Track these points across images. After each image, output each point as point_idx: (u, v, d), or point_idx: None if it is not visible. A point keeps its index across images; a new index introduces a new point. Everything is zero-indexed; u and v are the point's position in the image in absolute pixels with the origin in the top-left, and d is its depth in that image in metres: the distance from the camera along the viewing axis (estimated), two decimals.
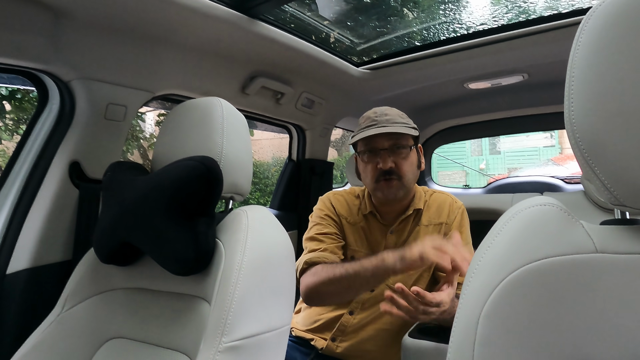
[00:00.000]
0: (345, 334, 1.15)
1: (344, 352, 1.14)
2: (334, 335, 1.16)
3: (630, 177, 0.44)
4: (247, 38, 1.26)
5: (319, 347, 1.16)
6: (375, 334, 1.14)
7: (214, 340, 0.67)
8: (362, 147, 1.18)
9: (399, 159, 1.14)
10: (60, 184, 1.09)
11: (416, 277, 1.17)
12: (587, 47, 0.48)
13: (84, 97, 1.09)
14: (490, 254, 0.51)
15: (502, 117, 2.30)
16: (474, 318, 0.48)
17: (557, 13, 1.39)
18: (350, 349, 1.13)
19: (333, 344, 1.15)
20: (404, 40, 1.69)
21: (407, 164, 1.15)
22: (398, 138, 1.14)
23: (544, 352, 0.46)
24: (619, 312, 0.45)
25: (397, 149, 1.14)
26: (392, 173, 1.13)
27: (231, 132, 0.87)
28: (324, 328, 1.19)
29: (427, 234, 1.19)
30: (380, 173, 1.14)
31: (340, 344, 1.14)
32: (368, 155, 1.17)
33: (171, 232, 0.77)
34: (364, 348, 1.13)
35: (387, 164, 1.12)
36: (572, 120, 0.48)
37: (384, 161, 1.13)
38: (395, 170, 1.14)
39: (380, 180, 1.14)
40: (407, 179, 1.15)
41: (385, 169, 1.12)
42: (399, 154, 1.14)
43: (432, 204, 1.24)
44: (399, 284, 0.89)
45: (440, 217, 1.22)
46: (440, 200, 1.25)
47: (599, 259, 0.47)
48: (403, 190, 1.16)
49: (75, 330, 0.88)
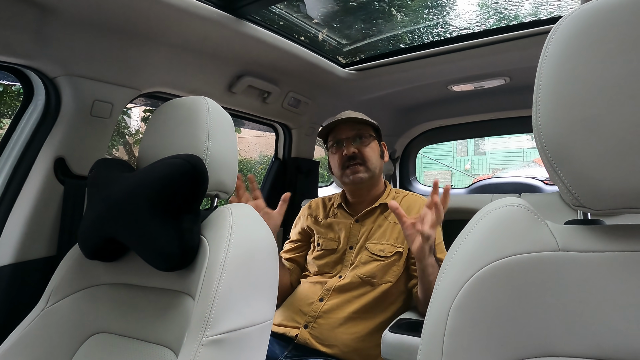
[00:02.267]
0: (315, 320, 1.18)
1: (316, 340, 1.16)
2: (306, 322, 1.19)
3: (590, 180, 0.47)
4: (233, 38, 1.28)
5: (293, 335, 1.19)
6: (344, 322, 1.17)
7: (197, 334, 0.69)
8: (330, 140, 1.36)
9: (361, 146, 1.30)
10: (45, 179, 1.09)
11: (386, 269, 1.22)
12: (554, 57, 0.51)
13: (70, 93, 1.10)
14: (461, 251, 0.54)
15: (485, 119, 2.34)
16: (445, 311, 0.50)
17: (537, 20, 1.44)
18: (322, 337, 1.16)
19: (305, 331, 1.18)
20: (390, 42, 1.72)
21: (369, 150, 1.31)
22: (360, 129, 1.32)
23: (509, 344, 0.49)
24: (579, 306, 0.48)
25: (359, 138, 1.31)
26: (355, 158, 1.29)
27: (217, 131, 0.88)
28: (297, 317, 1.22)
29: (395, 231, 1.26)
30: (345, 159, 1.29)
31: (312, 331, 1.17)
32: (335, 147, 1.34)
33: (156, 229, 0.79)
34: (334, 336, 1.15)
35: (350, 150, 1.28)
36: (538, 126, 0.51)
37: (348, 147, 1.29)
38: (358, 155, 1.29)
39: (346, 166, 1.30)
40: (370, 163, 1.30)
41: (349, 154, 1.28)
42: (361, 142, 1.31)
43: (403, 204, 1.31)
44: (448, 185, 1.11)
45: (410, 215, 1.26)
46: (411, 201, 1.33)
47: (561, 256, 0.50)
48: (368, 174, 1.30)
49: (59, 325, 0.89)
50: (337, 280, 1.24)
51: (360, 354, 1.16)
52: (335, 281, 1.23)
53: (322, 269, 1.30)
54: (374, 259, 1.23)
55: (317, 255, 1.32)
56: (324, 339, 1.16)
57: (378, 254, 1.23)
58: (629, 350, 0.46)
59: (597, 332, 0.47)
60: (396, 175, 2.71)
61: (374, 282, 1.20)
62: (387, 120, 2.38)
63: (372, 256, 1.23)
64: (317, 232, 1.37)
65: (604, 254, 0.49)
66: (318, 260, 1.31)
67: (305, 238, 1.43)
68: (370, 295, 1.20)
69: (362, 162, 1.29)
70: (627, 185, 0.45)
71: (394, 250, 1.23)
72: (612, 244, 0.49)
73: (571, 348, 0.48)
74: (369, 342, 1.16)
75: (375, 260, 1.22)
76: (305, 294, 1.27)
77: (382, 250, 1.23)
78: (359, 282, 1.21)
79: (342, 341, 1.16)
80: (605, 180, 0.46)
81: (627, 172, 0.45)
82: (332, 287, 1.22)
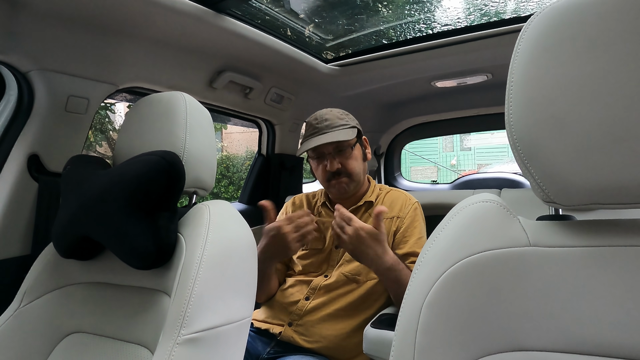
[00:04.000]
0: (300, 318, 1.18)
1: (301, 337, 1.16)
2: (291, 320, 1.19)
3: (559, 176, 0.48)
4: (213, 32, 1.26)
5: (277, 332, 1.19)
6: (328, 318, 1.17)
7: (172, 333, 0.68)
8: (310, 153, 1.31)
9: (343, 159, 1.26)
10: (18, 177, 1.06)
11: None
12: (524, 55, 0.51)
13: (43, 88, 1.07)
14: (434, 247, 0.54)
15: (469, 115, 2.37)
16: (417, 307, 0.51)
17: (517, 16, 1.45)
18: (306, 333, 1.16)
19: (290, 329, 1.18)
20: (372, 38, 1.72)
21: (352, 161, 1.27)
22: (340, 141, 1.24)
23: (480, 339, 0.49)
24: (549, 300, 0.49)
25: (341, 150, 1.26)
26: (340, 173, 1.26)
27: (195, 127, 0.87)
28: (281, 315, 1.22)
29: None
30: (329, 175, 1.26)
31: (297, 329, 1.17)
32: (316, 160, 1.30)
33: (132, 227, 0.77)
34: (319, 332, 1.15)
35: (334, 166, 1.24)
36: (510, 122, 0.52)
37: (331, 164, 1.25)
38: (342, 170, 1.26)
39: (331, 180, 1.27)
40: (354, 174, 1.27)
41: (333, 170, 1.24)
42: (343, 155, 1.26)
43: (386, 200, 1.31)
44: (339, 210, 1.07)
45: (393, 211, 1.28)
46: (394, 197, 1.33)
47: (532, 252, 0.50)
48: (353, 185, 1.28)
49: (34, 325, 0.87)
50: (323, 279, 1.23)
51: (344, 350, 1.16)
52: (321, 280, 1.23)
53: (307, 269, 1.29)
54: None
55: (303, 254, 1.31)
56: (309, 336, 1.16)
57: None
58: (598, 343, 0.46)
59: (567, 326, 0.48)
60: (381, 171, 2.72)
61: (359, 280, 1.20)
62: (371, 116, 2.39)
63: None
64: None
65: (574, 249, 0.49)
66: (303, 259, 1.31)
67: None
68: (355, 293, 1.20)
69: (347, 175, 1.26)
70: (594, 181, 0.46)
71: None
72: (582, 239, 0.50)
73: (541, 342, 0.48)
74: (353, 339, 1.16)
75: None
76: (290, 292, 1.26)
77: None
78: (344, 281, 1.21)
79: (326, 337, 1.16)
80: (573, 176, 0.47)
81: (593, 169, 0.46)
82: (317, 286, 1.22)
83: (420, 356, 0.49)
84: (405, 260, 1.19)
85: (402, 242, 1.22)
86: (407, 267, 1.10)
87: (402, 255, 1.20)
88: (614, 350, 0.46)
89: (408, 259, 1.19)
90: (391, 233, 1.24)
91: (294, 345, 1.16)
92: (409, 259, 1.19)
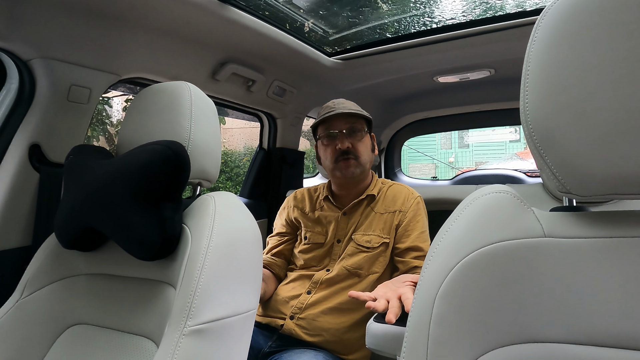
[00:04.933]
0: (302, 311, 1.18)
1: (302, 330, 1.16)
2: (292, 314, 1.19)
3: (576, 166, 0.47)
4: (217, 22, 1.24)
5: (279, 325, 1.18)
6: (330, 312, 1.17)
7: (178, 324, 0.67)
8: (322, 131, 1.31)
9: (355, 140, 1.27)
10: (19, 167, 1.05)
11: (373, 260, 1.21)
12: (542, 43, 0.50)
13: (45, 77, 1.05)
14: (448, 238, 0.54)
15: (470, 111, 2.36)
16: (431, 298, 0.50)
17: (523, 10, 1.44)
18: (307, 327, 1.16)
19: (291, 322, 1.17)
20: (376, 31, 1.71)
21: (363, 145, 1.29)
22: (354, 122, 1.28)
23: (494, 331, 0.49)
24: (564, 292, 0.48)
25: (353, 132, 1.28)
26: (349, 153, 1.26)
27: (199, 117, 0.86)
28: (283, 308, 1.22)
29: (382, 221, 1.26)
30: (339, 153, 1.26)
31: (298, 322, 1.17)
32: (327, 139, 1.30)
33: (136, 217, 0.76)
34: (320, 325, 1.15)
35: (345, 144, 1.25)
36: (526, 112, 0.51)
37: (342, 141, 1.26)
38: (352, 150, 1.26)
39: (339, 160, 1.27)
40: (362, 158, 1.28)
41: (344, 148, 1.25)
42: (354, 136, 1.28)
43: (388, 194, 1.31)
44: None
45: (396, 205, 1.28)
46: (396, 191, 1.32)
47: (547, 242, 0.50)
48: (360, 169, 1.27)
49: (35, 316, 0.86)
50: (325, 273, 1.23)
51: (346, 344, 1.16)
52: (323, 274, 1.23)
53: (308, 263, 1.29)
54: (360, 250, 1.22)
55: (304, 249, 1.31)
56: (310, 329, 1.16)
57: (364, 245, 1.22)
58: (612, 335, 0.46)
59: (581, 318, 0.47)
60: (381, 166, 2.72)
61: (361, 274, 1.20)
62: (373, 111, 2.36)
63: (359, 247, 1.23)
64: (304, 225, 1.35)
65: (589, 240, 0.49)
66: (305, 254, 1.30)
67: (292, 230, 1.41)
68: (357, 287, 1.19)
69: (355, 157, 1.26)
70: (613, 170, 0.45)
71: (380, 241, 1.22)
72: (597, 230, 0.49)
73: (555, 334, 0.48)
74: (355, 332, 1.16)
75: (362, 251, 1.22)
76: (292, 286, 1.26)
77: (369, 242, 1.23)
78: (346, 274, 1.20)
79: (328, 331, 1.15)
80: (591, 165, 0.46)
81: (612, 158, 0.45)
82: (319, 280, 1.22)
83: (433, 347, 0.48)
84: (406, 254, 1.19)
85: (404, 236, 1.22)
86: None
87: (404, 249, 1.19)
88: (628, 341, 0.45)
89: (410, 254, 1.19)
90: (393, 227, 1.24)
91: (296, 338, 1.16)
92: (410, 254, 1.19)
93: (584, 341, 0.47)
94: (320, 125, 1.32)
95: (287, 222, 1.41)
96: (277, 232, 1.42)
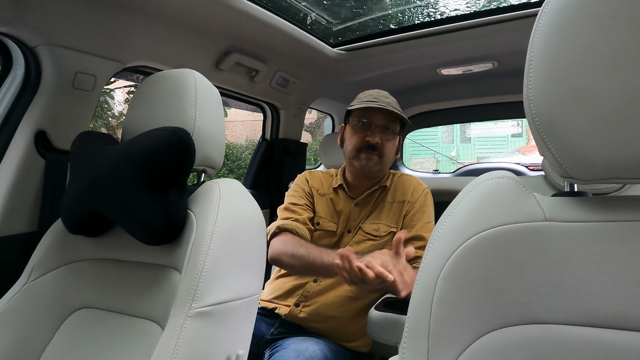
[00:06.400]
0: (308, 299, 1.19)
1: (306, 317, 1.17)
2: (298, 301, 1.20)
3: (577, 150, 0.48)
4: (222, 11, 1.24)
5: (283, 313, 1.19)
6: (335, 300, 1.18)
7: (184, 307, 0.68)
8: (357, 117, 1.27)
9: (385, 139, 1.25)
10: (25, 153, 1.06)
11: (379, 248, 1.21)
12: (546, 29, 0.50)
13: (51, 64, 1.06)
14: (450, 221, 0.54)
15: (473, 104, 2.35)
16: (433, 280, 0.51)
17: (527, 2, 1.44)
18: (312, 313, 1.17)
19: (296, 309, 1.19)
20: (380, 22, 1.70)
21: (391, 145, 1.27)
22: (391, 120, 1.25)
23: (495, 312, 0.50)
24: (564, 274, 0.49)
25: (387, 129, 1.25)
26: (376, 149, 1.24)
27: (204, 105, 0.86)
28: (288, 295, 1.23)
29: (391, 210, 1.26)
30: (366, 145, 1.24)
31: (303, 309, 1.18)
32: (360, 126, 1.26)
33: (142, 202, 0.77)
34: (325, 313, 1.16)
35: (376, 138, 1.23)
36: (529, 97, 0.51)
37: (374, 135, 1.23)
38: (379, 147, 1.24)
39: (362, 150, 1.24)
40: (386, 158, 1.26)
41: (373, 142, 1.23)
42: (387, 134, 1.25)
43: (398, 184, 1.31)
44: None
45: (405, 195, 1.28)
46: (405, 181, 1.33)
47: (548, 226, 0.50)
48: (379, 167, 1.26)
49: (41, 300, 0.87)
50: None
51: (348, 332, 1.17)
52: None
53: None
54: (368, 238, 1.23)
55: (316, 235, 1.30)
56: (314, 317, 1.17)
57: (372, 234, 1.23)
58: (612, 317, 0.47)
59: (581, 300, 0.48)
60: None
61: None
62: None
63: (366, 235, 1.23)
64: (317, 211, 1.33)
65: (591, 224, 0.49)
66: (316, 241, 1.29)
67: (309, 202, 1.34)
68: None
69: (380, 154, 1.24)
70: (614, 155, 0.46)
71: (387, 230, 1.23)
72: (599, 214, 0.50)
73: (555, 315, 0.49)
74: (358, 321, 1.17)
75: (369, 239, 1.23)
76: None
77: (377, 230, 1.23)
78: None
79: (332, 319, 1.17)
80: (593, 150, 0.47)
81: (613, 143, 0.46)
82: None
83: (435, 327, 0.49)
84: (408, 244, 1.20)
85: (409, 225, 1.23)
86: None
87: (407, 239, 1.20)
88: (628, 323, 0.46)
89: (412, 244, 1.19)
90: (401, 216, 1.25)
91: (299, 325, 1.17)
92: (413, 244, 1.19)
93: (584, 322, 0.48)
94: (358, 110, 1.26)
95: (306, 194, 1.35)
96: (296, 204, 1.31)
